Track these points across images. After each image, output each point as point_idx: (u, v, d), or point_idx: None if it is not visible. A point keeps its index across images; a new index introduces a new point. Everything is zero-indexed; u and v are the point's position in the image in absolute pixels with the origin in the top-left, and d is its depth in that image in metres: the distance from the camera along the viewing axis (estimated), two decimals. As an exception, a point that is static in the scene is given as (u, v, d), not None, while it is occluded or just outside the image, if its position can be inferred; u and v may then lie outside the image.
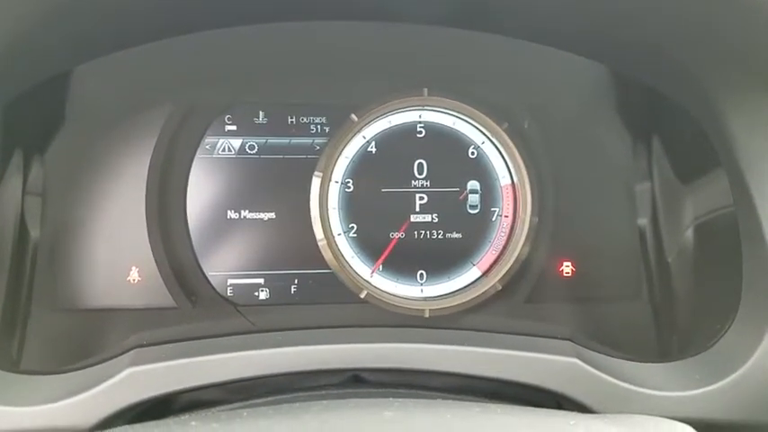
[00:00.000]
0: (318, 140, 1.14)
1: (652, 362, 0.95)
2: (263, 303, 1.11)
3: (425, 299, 1.12)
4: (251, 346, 0.91)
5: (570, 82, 1.16)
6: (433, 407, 0.74)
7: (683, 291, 1.09)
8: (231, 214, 1.12)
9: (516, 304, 1.13)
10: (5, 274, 1.00)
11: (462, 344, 0.91)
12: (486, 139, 1.15)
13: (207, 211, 1.12)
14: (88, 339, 1.06)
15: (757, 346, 0.85)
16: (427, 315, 1.08)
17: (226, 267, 1.12)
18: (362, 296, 1.09)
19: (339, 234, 1.12)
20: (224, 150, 1.13)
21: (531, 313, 1.12)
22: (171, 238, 1.10)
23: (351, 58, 1.13)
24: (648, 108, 1.14)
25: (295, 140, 1.14)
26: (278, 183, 1.13)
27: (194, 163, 1.12)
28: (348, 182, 1.13)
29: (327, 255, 1.10)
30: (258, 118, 1.14)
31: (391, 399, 0.76)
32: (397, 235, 1.13)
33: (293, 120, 1.14)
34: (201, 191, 1.12)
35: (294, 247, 1.12)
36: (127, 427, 0.70)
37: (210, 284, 1.11)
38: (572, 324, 1.10)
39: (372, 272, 1.13)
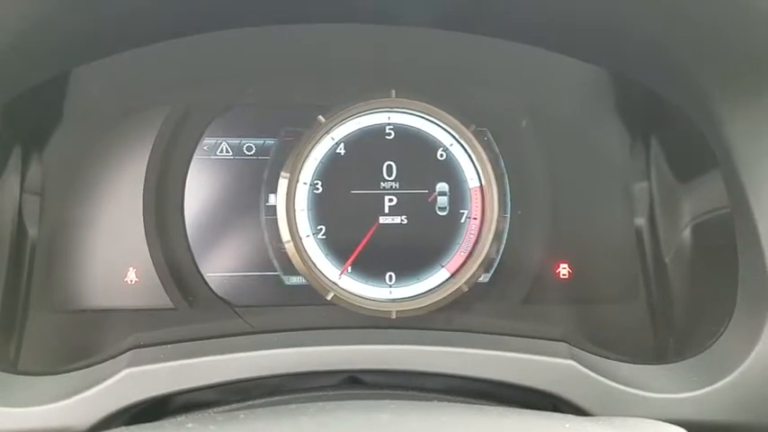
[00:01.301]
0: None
1: (648, 364, 0.95)
2: (261, 304, 1.11)
3: (393, 300, 1.11)
4: (248, 347, 0.91)
5: (567, 82, 1.16)
6: (429, 409, 0.74)
7: (679, 292, 1.09)
8: (228, 215, 1.12)
9: (513, 306, 1.13)
10: (3, 274, 1.00)
11: (458, 345, 0.91)
12: (454, 141, 1.14)
13: (204, 212, 1.12)
14: (85, 340, 1.05)
15: (753, 347, 0.85)
16: (394, 316, 1.07)
17: (223, 268, 1.12)
18: (329, 298, 1.08)
19: (308, 236, 1.11)
20: (221, 152, 1.13)
21: (527, 315, 1.12)
22: (168, 239, 1.10)
23: (349, 59, 1.14)
24: (646, 107, 1.14)
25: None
26: None
27: (192, 164, 1.12)
28: (317, 183, 1.12)
29: (294, 256, 1.09)
30: (255, 119, 1.14)
31: (387, 401, 0.76)
32: (366, 237, 1.12)
33: None
34: (199, 192, 1.12)
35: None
36: (123, 428, 0.70)
37: (208, 285, 1.11)
38: (568, 325, 1.10)
39: (341, 273, 1.12)
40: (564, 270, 1.15)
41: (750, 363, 0.85)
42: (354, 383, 0.95)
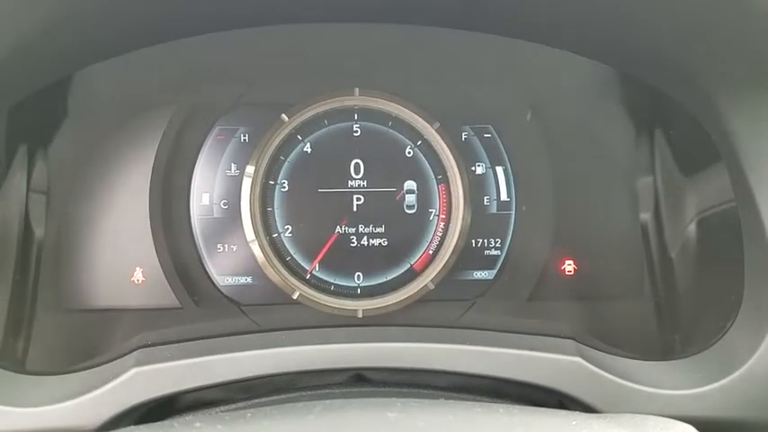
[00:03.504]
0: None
1: (655, 360, 0.95)
2: (267, 303, 1.12)
3: (360, 299, 1.11)
4: (255, 345, 0.91)
5: (571, 78, 1.15)
6: (436, 407, 0.75)
7: (685, 287, 1.09)
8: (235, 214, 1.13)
9: (519, 303, 1.13)
10: (11, 273, 1.00)
11: (465, 343, 0.91)
12: (421, 140, 1.14)
13: (210, 211, 1.13)
14: (93, 340, 1.06)
15: (760, 343, 0.85)
16: (360, 315, 1.08)
17: (229, 267, 1.12)
18: (295, 297, 1.08)
19: (275, 235, 1.12)
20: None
21: (533, 312, 1.12)
22: (175, 238, 1.10)
23: (353, 58, 1.14)
24: (650, 101, 1.13)
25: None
26: None
27: (198, 162, 1.12)
28: (284, 182, 1.12)
29: (259, 255, 1.09)
30: (260, 119, 1.14)
31: (394, 398, 0.76)
32: (333, 236, 1.12)
33: None
34: (205, 190, 1.12)
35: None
36: (133, 427, 0.71)
37: (214, 284, 1.12)
38: (574, 322, 1.10)
39: (309, 273, 1.12)
40: (569, 267, 1.15)
41: (757, 358, 0.85)
42: (361, 381, 0.95)
